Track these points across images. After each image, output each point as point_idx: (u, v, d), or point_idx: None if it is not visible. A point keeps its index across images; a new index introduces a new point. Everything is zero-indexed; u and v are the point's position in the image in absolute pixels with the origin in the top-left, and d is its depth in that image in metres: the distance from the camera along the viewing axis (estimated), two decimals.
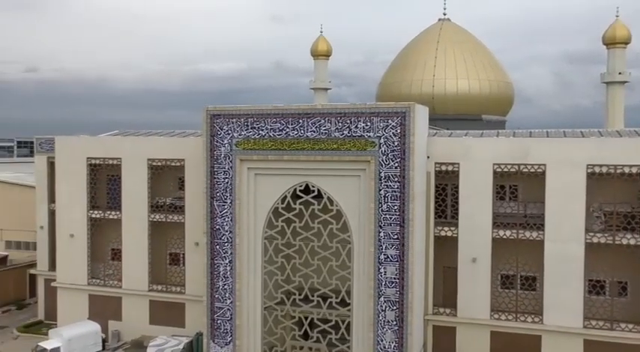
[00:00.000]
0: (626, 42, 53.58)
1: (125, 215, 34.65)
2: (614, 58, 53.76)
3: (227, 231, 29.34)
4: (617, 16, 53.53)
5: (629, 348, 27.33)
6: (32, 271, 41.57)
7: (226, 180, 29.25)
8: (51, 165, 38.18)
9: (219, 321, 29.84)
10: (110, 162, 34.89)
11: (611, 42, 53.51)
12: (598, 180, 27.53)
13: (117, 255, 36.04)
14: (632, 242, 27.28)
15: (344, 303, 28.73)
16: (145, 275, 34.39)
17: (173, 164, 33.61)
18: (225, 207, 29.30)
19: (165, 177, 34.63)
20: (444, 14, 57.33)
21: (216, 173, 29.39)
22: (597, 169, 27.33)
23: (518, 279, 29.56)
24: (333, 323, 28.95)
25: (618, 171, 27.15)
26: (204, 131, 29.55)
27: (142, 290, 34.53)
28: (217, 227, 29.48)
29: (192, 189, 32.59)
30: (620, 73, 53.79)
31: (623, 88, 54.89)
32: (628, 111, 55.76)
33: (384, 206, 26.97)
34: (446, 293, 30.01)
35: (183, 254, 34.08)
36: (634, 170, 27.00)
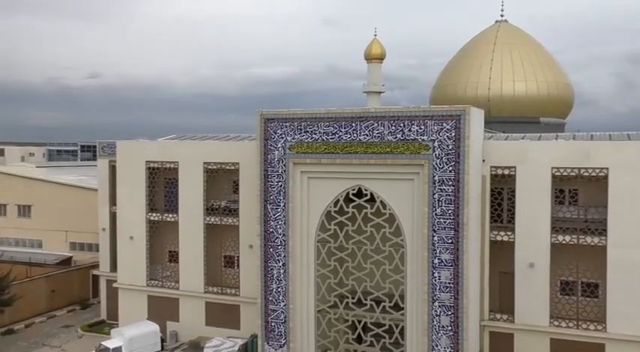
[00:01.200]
0: None
1: (182, 217, 35.36)
2: None
3: (280, 234, 29.51)
4: None
5: None
6: (95, 272, 42.98)
7: (280, 183, 29.45)
8: (112, 169, 39.39)
9: (273, 323, 30.03)
10: (168, 165, 35.69)
11: None
12: None
13: (174, 257, 36.79)
14: None
15: (397, 307, 28.45)
16: (200, 277, 34.97)
17: (228, 167, 34.09)
18: (279, 210, 29.48)
19: (221, 180, 35.16)
20: (502, 16, 56.20)
21: (269, 176, 29.63)
22: None
23: (579, 286, 28.57)
24: (386, 327, 28.72)
25: None
26: (258, 135, 29.86)
27: (198, 291, 35.13)
28: (271, 230, 29.69)
29: (246, 193, 32.95)
30: None
31: None
32: None
33: (438, 210, 26.59)
34: (502, 298, 29.31)
35: (238, 256, 34.48)
36: None
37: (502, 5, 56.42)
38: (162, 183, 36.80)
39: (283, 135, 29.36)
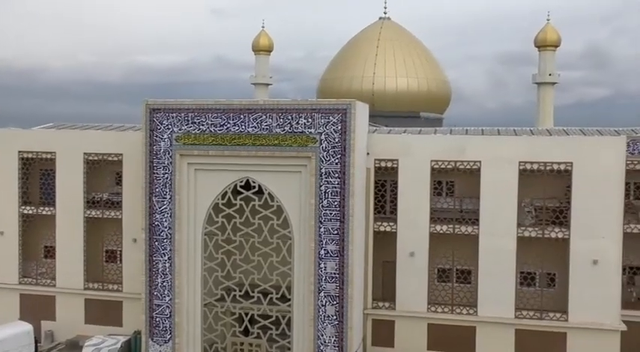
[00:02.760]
0: (556, 45, 55.81)
1: (60, 211, 33.54)
2: (545, 60, 55.90)
3: (166, 227, 28.87)
4: (548, 20, 55.66)
5: (556, 335, 28.60)
6: None
7: (166, 175, 28.79)
8: None
9: (157, 319, 29.33)
10: (44, 156, 33.67)
11: (542, 44, 55.62)
12: (529, 176, 28.60)
13: (50, 252, 34.85)
14: (560, 235, 28.47)
15: (285, 299, 28.77)
16: (80, 274, 33.41)
17: (111, 159, 32.77)
18: (165, 202, 28.83)
19: (103, 172, 33.74)
20: (385, 13, 58.00)
21: (155, 168, 28.87)
22: (529, 166, 28.38)
23: (454, 273, 30.36)
24: (273, 319, 28.95)
25: (548, 167, 28.27)
26: (144, 125, 28.98)
27: (77, 288, 33.53)
28: (156, 223, 28.97)
29: (130, 185, 31.87)
30: (550, 75, 56.02)
31: (553, 89, 57.17)
32: (557, 111, 58.10)
33: (325, 202, 27.15)
34: (385, 287, 30.51)
35: (121, 251, 33.30)
36: (562, 167, 28.18)
37: (385, 2, 58.25)
38: (37, 175, 34.66)
39: (170, 126, 28.67)
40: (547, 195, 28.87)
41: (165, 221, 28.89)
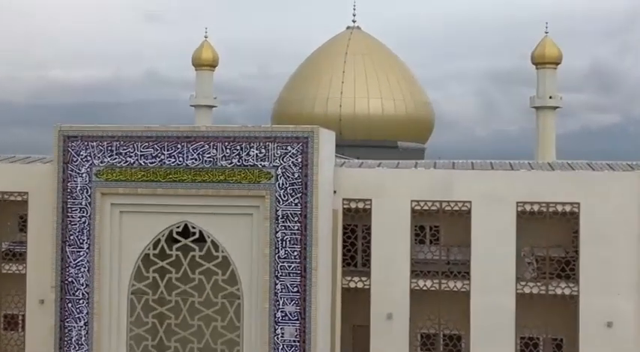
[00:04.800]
0: (556, 62, 57.25)
1: None
2: (545, 79, 57.24)
3: (82, 285, 28.32)
4: (546, 33, 57.28)
5: None
6: None
7: (83, 219, 28.37)
8: None
9: None
10: None
11: (541, 61, 57.04)
12: (529, 219, 29.00)
13: None
14: (567, 292, 28.81)
15: None
16: None
17: (12, 198, 32.02)
18: (81, 253, 28.34)
19: (2, 215, 32.94)
20: (354, 21, 58.95)
21: (70, 210, 28.43)
22: (528, 207, 28.81)
23: (441, 339, 30.33)
24: None
25: (551, 209, 28.75)
26: (56, 156, 28.61)
27: None
28: (70, 279, 28.41)
29: (37, 231, 31.10)
30: (550, 97, 57.23)
31: (555, 114, 58.49)
32: (560, 140, 59.41)
33: (282, 252, 27.00)
34: None
35: (24, 315, 32.31)
36: (567, 208, 28.69)
37: (354, 8, 59.04)
38: None
39: (89, 158, 28.35)
40: (551, 242, 29.26)
41: (82, 277, 28.34)
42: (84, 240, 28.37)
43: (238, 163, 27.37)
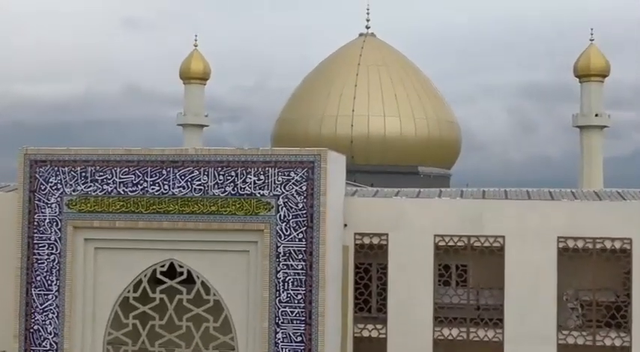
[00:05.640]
0: (603, 74, 57.42)
1: None
2: (589, 94, 57.34)
3: (50, 334, 28.29)
4: (591, 41, 57.46)
5: None
6: None
7: (52, 256, 28.42)
8: None
9: None
10: None
11: (585, 74, 57.24)
12: (572, 258, 28.83)
13: None
14: (618, 343, 28.59)
15: None
16: None
17: None
18: (50, 297, 28.33)
19: None
20: (367, 27, 59.33)
21: (36, 246, 28.49)
22: (571, 244, 28.68)
23: None
24: None
25: (598, 246, 28.62)
26: (21, 184, 28.75)
27: None
28: (36, 327, 28.39)
29: None
30: (596, 115, 57.35)
31: (602, 135, 58.53)
32: (608, 165, 59.34)
33: (284, 295, 26.93)
34: None
35: None
36: (617, 245, 28.55)
37: (367, 12, 59.36)
38: None
39: (59, 186, 28.46)
40: (598, 284, 29.07)
41: (50, 324, 28.30)
42: (53, 282, 28.34)
43: (233, 192, 27.41)
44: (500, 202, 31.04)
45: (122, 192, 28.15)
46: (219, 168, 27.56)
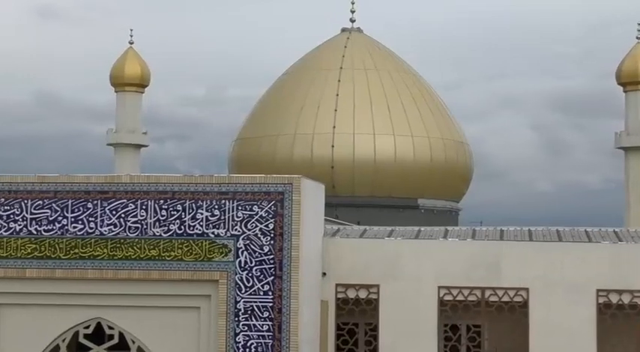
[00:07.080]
0: None
1: None
2: (636, 107, 57.45)
3: None
4: (638, 39, 57.94)
5: None
6: None
7: None
8: None
9: None
10: None
11: (631, 81, 57.43)
12: (615, 316, 29.10)
13: None
14: None
15: None
16: None
17: None
18: None
19: None
20: (352, 20, 59.52)
21: None
22: (614, 298, 28.94)
23: None
24: None
25: None
26: None
27: None
28: None
29: None
30: None
31: None
32: None
33: None
34: None
35: None
36: None
37: (352, 2, 59.47)
38: None
39: None
40: None
41: None
42: None
43: (179, 231, 27.47)
44: (523, 245, 31.29)
45: (34, 232, 28.10)
46: (162, 201, 27.62)
